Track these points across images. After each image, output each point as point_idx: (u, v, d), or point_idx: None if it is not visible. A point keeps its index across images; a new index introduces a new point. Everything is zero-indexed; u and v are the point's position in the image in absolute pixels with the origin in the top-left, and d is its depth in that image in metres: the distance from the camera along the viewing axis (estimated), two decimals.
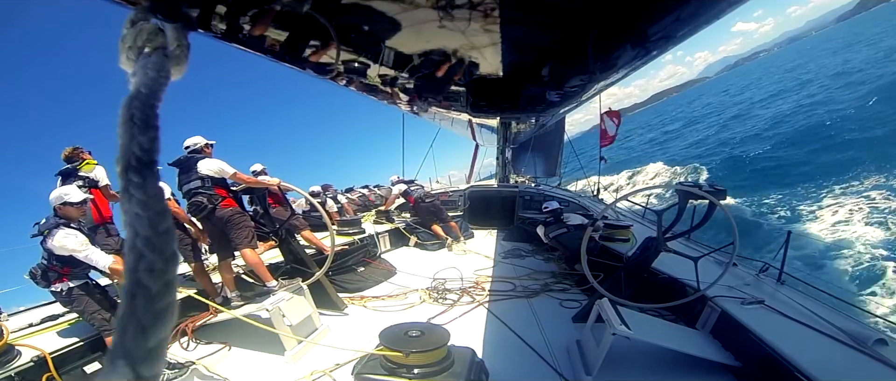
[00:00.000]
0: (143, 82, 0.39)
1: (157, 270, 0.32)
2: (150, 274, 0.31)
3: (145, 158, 0.36)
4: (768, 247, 9.65)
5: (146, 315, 0.30)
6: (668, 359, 2.67)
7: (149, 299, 0.31)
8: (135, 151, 0.36)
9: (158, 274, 0.32)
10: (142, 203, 0.34)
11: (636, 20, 1.82)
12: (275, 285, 3.52)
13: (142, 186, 0.35)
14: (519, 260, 5.53)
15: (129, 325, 0.30)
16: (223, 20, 1.33)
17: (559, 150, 13.26)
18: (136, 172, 0.35)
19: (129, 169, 0.35)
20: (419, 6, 1.52)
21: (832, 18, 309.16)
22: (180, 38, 0.46)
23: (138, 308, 0.30)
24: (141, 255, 0.32)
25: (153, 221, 0.34)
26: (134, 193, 0.35)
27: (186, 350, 3.33)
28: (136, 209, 0.34)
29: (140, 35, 0.44)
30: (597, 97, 8.35)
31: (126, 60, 0.44)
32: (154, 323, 0.30)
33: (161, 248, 0.33)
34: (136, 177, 0.35)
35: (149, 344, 0.30)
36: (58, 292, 2.78)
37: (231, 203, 3.60)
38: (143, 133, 0.36)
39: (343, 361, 2.88)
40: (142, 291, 0.31)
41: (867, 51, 38.20)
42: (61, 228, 2.73)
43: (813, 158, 15.95)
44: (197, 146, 3.76)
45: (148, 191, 0.35)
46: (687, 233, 3.51)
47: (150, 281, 0.31)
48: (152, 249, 0.32)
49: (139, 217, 0.34)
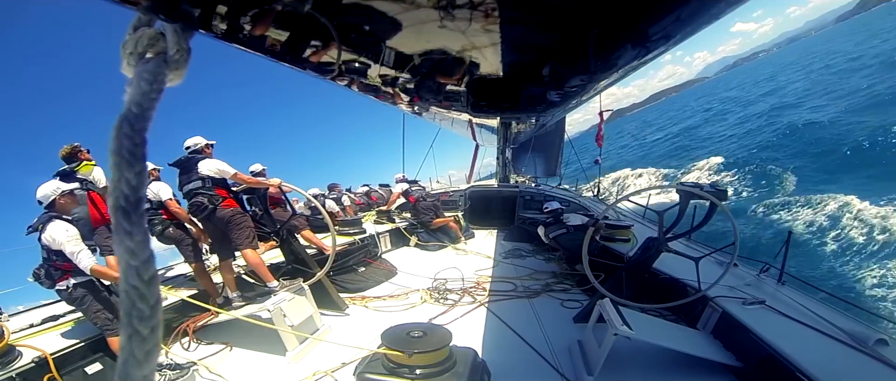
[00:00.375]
0: (134, 100, 0.41)
1: (145, 317, 0.38)
2: (141, 321, 0.38)
3: (133, 197, 0.39)
4: (769, 247, 9.66)
5: (140, 353, 0.38)
6: (670, 359, 2.67)
7: (141, 342, 0.38)
8: (123, 190, 0.39)
9: (147, 321, 0.39)
10: (131, 252, 0.38)
11: (637, 20, 1.82)
12: (276, 286, 3.52)
13: (130, 233, 0.39)
14: (520, 260, 5.53)
15: (129, 359, 0.38)
16: (223, 20, 1.33)
17: (559, 150, 13.27)
18: (124, 214, 0.39)
19: (118, 210, 0.39)
20: (419, 6, 1.52)
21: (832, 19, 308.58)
22: (181, 43, 0.47)
23: (134, 348, 0.38)
24: (133, 303, 0.38)
25: (140, 270, 0.39)
26: (124, 239, 0.39)
27: (188, 351, 3.33)
28: (125, 256, 0.38)
29: (141, 40, 0.44)
30: (597, 97, 8.36)
31: (127, 66, 0.44)
32: (146, 359, 0.38)
33: (147, 296, 0.39)
34: (125, 222, 0.39)
35: (144, 372, 0.38)
36: (63, 289, 2.76)
37: (232, 204, 3.61)
38: (130, 168, 0.39)
39: (345, 361, 2.88)
40: (135, 335, 0.38)
41: None
42: (53, 220, 2.72)
43: (814, 157, 15.95)
44: (197, 147, 3.76)
45: (135, 237, 0.39)
46: (688, 233, 3.51)
47: (141, 327, 0.38)
48: (141, 298, 0.38)
49: (129, 266, 0.38)
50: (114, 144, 0.39)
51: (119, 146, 0.38)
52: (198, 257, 3.75)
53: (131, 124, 0.39)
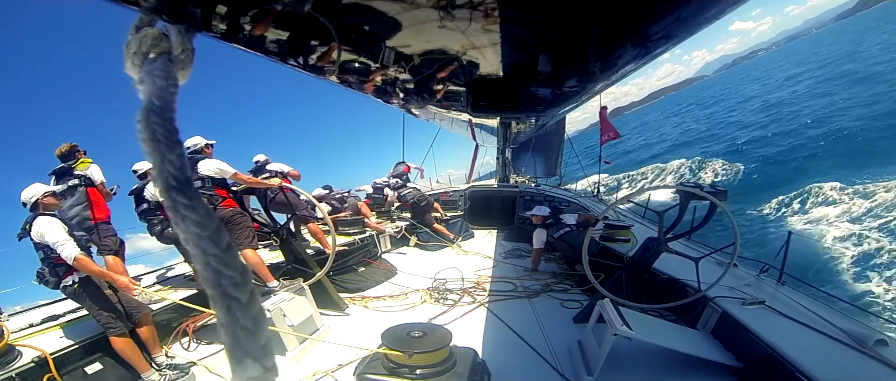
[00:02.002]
0: (154, 93, 0.40)
1: (239, 283, 0.36)
2: (236, 287, 0.36)
3: (181, 176, 0.38)
4: (769, 247, 9.66)
5: (247, 321, 0.35)
6: (670, 359, 2.67)
7: (243, 308, 0.35)
8: (170, 171, 0.37)
9: (241, 286, 0.36)
10: (198, 223, 0.36)
11: (637, 20, 1.82)
12: (276, 286, 3.52)
13: (191, 207, 0.37)
14: (519, 260, 5.53)
15: (237, 331, 0.35)
16: (223, 20, 1.33)
17: (559, 150, 13.26)
18: (178, 192, 0.37)
19: (171, 190, 0.37)
20: (419, 6, 1.52)
21: (831, 17, 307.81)
22: (185, 43, 0.46)
23: (239, 317, 0.35)
24: (219, 272, 0.36)
25: (215, 238, 0.37)
26: (187, 213, 0.37)
27: (188, 351, 3.33)
28: (194, 230, 0.36)
29: (144, 40, 0.44)
30: (596, 96, 8.34)
31: (131, 66, 0.44)
32: (256, 326, 0.36)
33: (232, 263, 0.37)
34: (182, 197, 0.37)
35: (261, 342, 0.35)
36: (68, 285, 2.76)
37: (231, 204, 3.60)
38: (171, 151, 0.38)
39: (345, 361, 2.88)
40: (234, 303, 0.35)
41: None
42: (38, 217, 2.75)
43: (815, 156, 15.94)
44: (197, 147, 3.75)
45: (198, 209, 0.37)
46: (688, 233, 3.52)
47: (239, 293, 0.36)
48: (227, 265, 0.36)
49: (201, 237, 0.36)
50: (146, 133, 0.38)
51: (152, 133, 0.37)
52: None
53: (159, 113, 0.39)
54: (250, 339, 0.35)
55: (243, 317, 0.35)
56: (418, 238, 6.58)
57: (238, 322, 0.35)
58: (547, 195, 7.49)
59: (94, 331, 2.93)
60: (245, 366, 0.34)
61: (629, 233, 4.77)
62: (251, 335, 0.35)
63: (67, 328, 3.09)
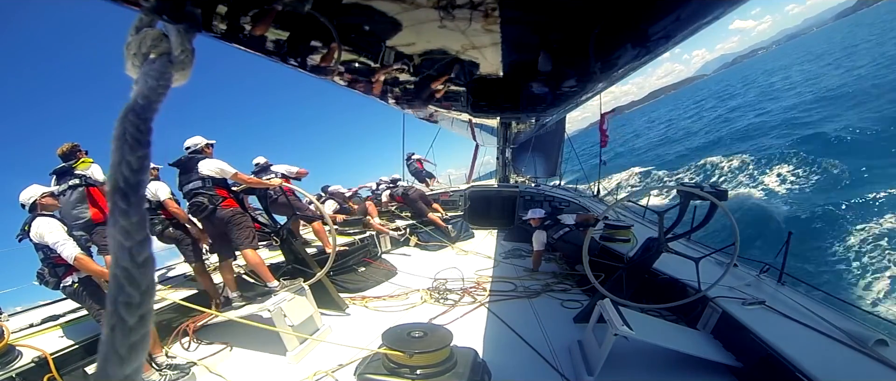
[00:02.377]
0: (140, 93, 0.40)
1: (134, 304, 0.34)
2: (128, 308, 0.34)
3: (133, 179, 0.37)
4: (769, 247, 9.65)
5: (123, 347, 0.33)
6: (670, 359, 2.67)
7: (125, 333, 0.33)
8: (123, 172, 0.36)
9: (135, 308, 0.34)
10: (125, 231, 0.35)
11: (637, 20, 1.82)
12: (276, 286, 3.52)
13: (126, 213, 0.36)
14: (519, 260, 5.53)
15: (109, 354, 0.33)
16: (223, 20, 1.33)
17: (559, 150, 13.24)
18: (122, 196, 0.36)
19: (115, 191, 0.36)
20: (419, 6, 1.52)
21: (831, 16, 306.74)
22: (184, 43, 0.46)
23: (116, 340, 0.33)
24: (121, 287, 0.34)
25: (134, 251, 0.35)
26: (119, 219, 0.36)
27: (188, 351, 3.33)
28: (118, 237, 0.35)
29: (144, 41, 0.44)
30: (596, 97, 8.34)
31: (132, 67, 0.44)
32: (129, 354, 0.33)
33: (139, 280, 0.35)
34: (122, 202, 0.36)
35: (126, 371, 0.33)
36: (68, 285, 2.77)
37: (232, 204, 3.60)
38: (133, 152, 0.37)
39: (345, 361, 2.88)
40: (120, 324, 0.33)
41: None
42: (37, 218, 2.77)
43: (815, 156, 15.93)
44: (197, 147, 3.76)
45: (131, 217, 0.36)
46: (688, 234, 3.52)
47: (127, 315, 0.34)
48: (131, 281, 0.34)
49: (121, 247, 0.35)
50: (117, 131, 0.37)
51: (122, 132, 0.37)
52: (198, 256, 3.74)
53: (137, 114, 0.38)
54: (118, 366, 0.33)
55: (121, 342, 0.33)
56: (419, 238, 6.59)
57: (113, 346, 0.33)
58: (547, 195, 7.49)
59: (95, 331, 2.93)
60: None
61: (629, 233, 4.77)
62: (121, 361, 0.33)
63: (68, 328, 3.09)
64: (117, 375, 0.33)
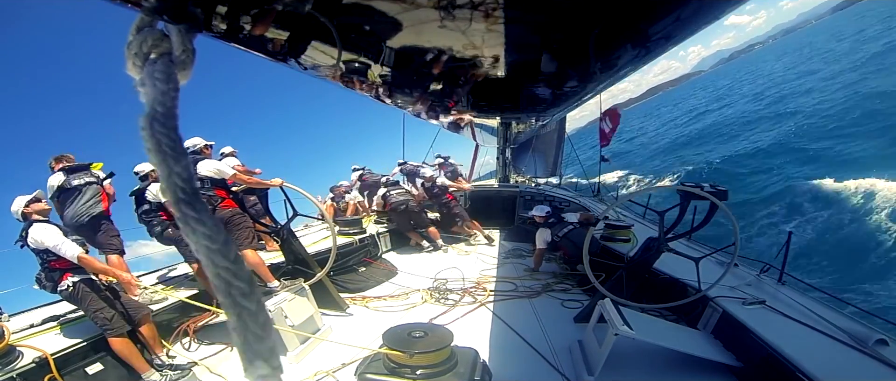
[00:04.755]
0: (156, 99, 0.40)
1: (247, 293, 0.39)
2: (245, 297, 0.39)
3: (188, 188, 0.39)
4: (769, 247, 9.65)
5: (256, 327, 0.39)
6: (670, 359, 2.67)
7: (252, 316, 0.39)
8: (178, 183, 0.39)
9: (250, 296, 0.39)
10: (208, 237, 0.38)
11: (637, 20, 1.82)
12: (276, 286, 3.52)
13: (200, 220, 0.38)
14: (520, 260, 5.53)
15: (248, 336, 0.38)
16: (224, 20, 1.33)
17: (559, 149, 13.24)
18: (188, 205, 0.39)
19: (180, 202, 0.39)
20: (419, 6, 1.52)
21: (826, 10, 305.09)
22: (186, 43, 0.46)
23: (249, 324, 0.38)
24: (229, 284, 0.39)
25: (224, 251, 0.39)
26: (197, 227, 0.38)
27: (188, 351, 3.33)
28: (205, 242, 0.38)
29: (145, 41, 0.44)
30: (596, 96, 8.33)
31: (132, 66, 0.44)
32: (265, 331, 0.39)
33: (241, 274, 0.39)
34: (191, 211, 0.39)
35: (269, 345, 0.39)
36: (64, 289, 2.78)
37: (231, 204, 3.61)
38: (177, 162, 0.39)
39: (346, 361, 2.88)
40: (245, 311, 0.38)
41: None
42: (34, 224, 2.79)
43: (816, 156, 15.92)
44: (196, 148, 3.77)
45: (207, 222, 0.39)
46: (688, 233, 3.52)
47: (248, 303, 0.39)
48: (236, 276, 0.39)
49: (212, 251, 0.38)
50: (152, 143, 0.38)
51: (158, 144, 0.38)
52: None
53: (162, 123, 0.39)
54: (260, 343, 0.38)
55: (253, 324, 0.38)
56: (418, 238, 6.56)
57: (248, 329, 0.38)
58: (547, 195, 7.49)
59: (95, 331, 2.93)
60: (256, 366, 0.38)
61: (629, 233, 4.77)
62: (260, 339, 0.38)
63: (68, 328, 3.09)
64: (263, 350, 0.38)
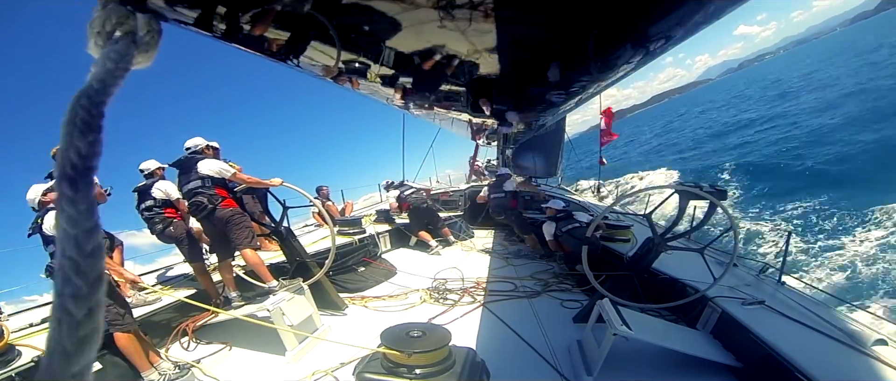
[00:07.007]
0: (97, 76, 0.37)
1: (82, 296, 0.32)
2: (75, 300, 0.32)
3: (81, 165, 0.34)
4: (769, 247, 9.64)
5: (70, 342, 0.31)
6: (669, 359, 2.67)
7: (73, 327, 0.31)
8: (71, 158, 0.34)
9: (82, 301, 0.32)
10: (71, 219, 0.33)
11: (637, 20, 1.82)
12: (275, 285, 3.52)
13: (73, 200, 0.34)
14: (519, 260, 5.54)
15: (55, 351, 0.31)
16: (223, 20, 1.33)
17: (559, 150, 13.23)
18: (69, 182, 0.34)
19: (62, 178, 0.34)
20: (419, 6, 1.52)
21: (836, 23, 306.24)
22: (151, 24, 0.44)
23: (63, 336, 0.31)
24: (67, 278, 0.32)
25: (80, 240, 0.33)
26: (65, 207, 0.34)
27: (187, 351, 3.33)
28: (65, 225, 0.33)
29: (110, 18, 0.41)
30: (596, 97, 8.35)
31: (94, 46, 0.41)
32: (78, 350, 0.31)
33: (86, 271, 0.33)
34: (69, 189, 0.34)
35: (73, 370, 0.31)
36: None
37: (231, 203, 3.61)
38: (83, 137, 0.35)
39: (344, 361, 2.88)
40: (67, 318, 0.31)
41: None
42: (49, 212, 2.83)
43: (815, 155, 15.91)
44: (198, 147, 3.77)
45: (79, 205, 0.34)
46: (687, 233, 3.52)
47: (75, 308, 0.31)
48: (77, 272, 0.32)
49: (67, 235, 0.33)
50: (68, 115, 0.35)
51: (73, 116, 0.35)
52: (197, 256, 3.75)
53: (90, 98, 0.36)
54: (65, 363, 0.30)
55: (69, 337, 0.31)
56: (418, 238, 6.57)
57: (60, 341, 0.31)
58: (547, 195, 7.50)
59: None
60: None
61: (629, 233, 4.77)
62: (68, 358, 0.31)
63: None
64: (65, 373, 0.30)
